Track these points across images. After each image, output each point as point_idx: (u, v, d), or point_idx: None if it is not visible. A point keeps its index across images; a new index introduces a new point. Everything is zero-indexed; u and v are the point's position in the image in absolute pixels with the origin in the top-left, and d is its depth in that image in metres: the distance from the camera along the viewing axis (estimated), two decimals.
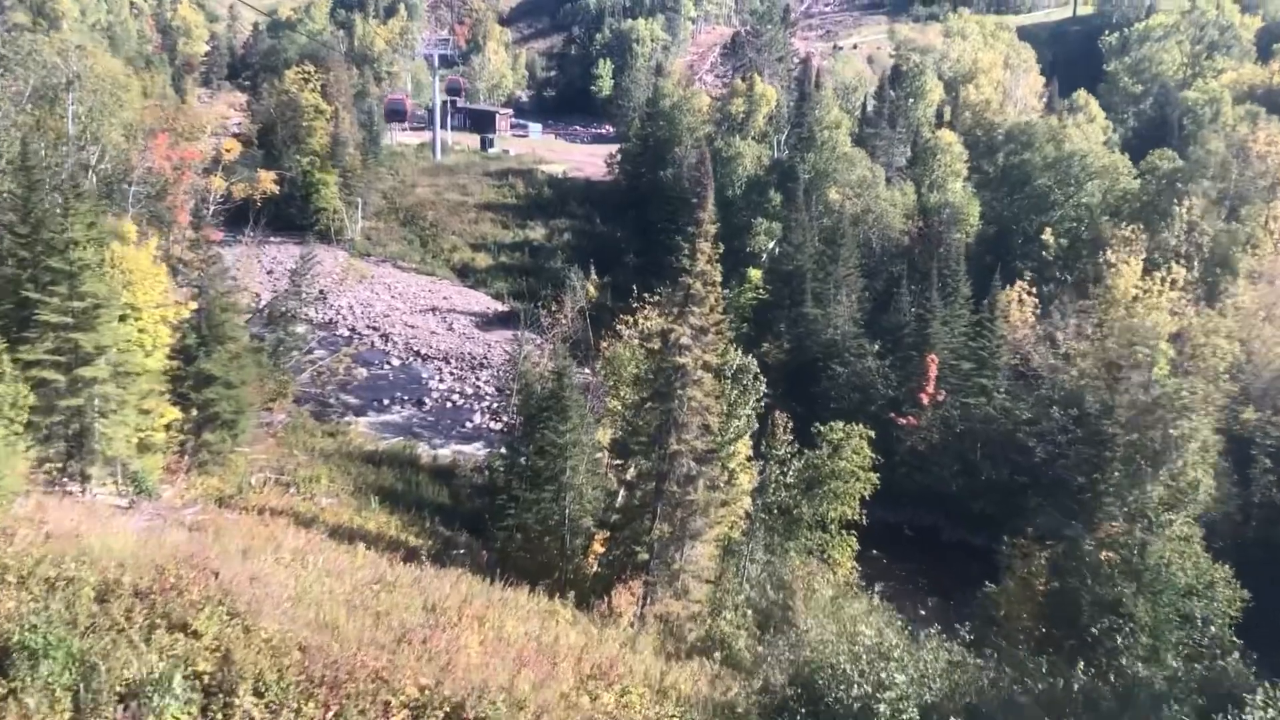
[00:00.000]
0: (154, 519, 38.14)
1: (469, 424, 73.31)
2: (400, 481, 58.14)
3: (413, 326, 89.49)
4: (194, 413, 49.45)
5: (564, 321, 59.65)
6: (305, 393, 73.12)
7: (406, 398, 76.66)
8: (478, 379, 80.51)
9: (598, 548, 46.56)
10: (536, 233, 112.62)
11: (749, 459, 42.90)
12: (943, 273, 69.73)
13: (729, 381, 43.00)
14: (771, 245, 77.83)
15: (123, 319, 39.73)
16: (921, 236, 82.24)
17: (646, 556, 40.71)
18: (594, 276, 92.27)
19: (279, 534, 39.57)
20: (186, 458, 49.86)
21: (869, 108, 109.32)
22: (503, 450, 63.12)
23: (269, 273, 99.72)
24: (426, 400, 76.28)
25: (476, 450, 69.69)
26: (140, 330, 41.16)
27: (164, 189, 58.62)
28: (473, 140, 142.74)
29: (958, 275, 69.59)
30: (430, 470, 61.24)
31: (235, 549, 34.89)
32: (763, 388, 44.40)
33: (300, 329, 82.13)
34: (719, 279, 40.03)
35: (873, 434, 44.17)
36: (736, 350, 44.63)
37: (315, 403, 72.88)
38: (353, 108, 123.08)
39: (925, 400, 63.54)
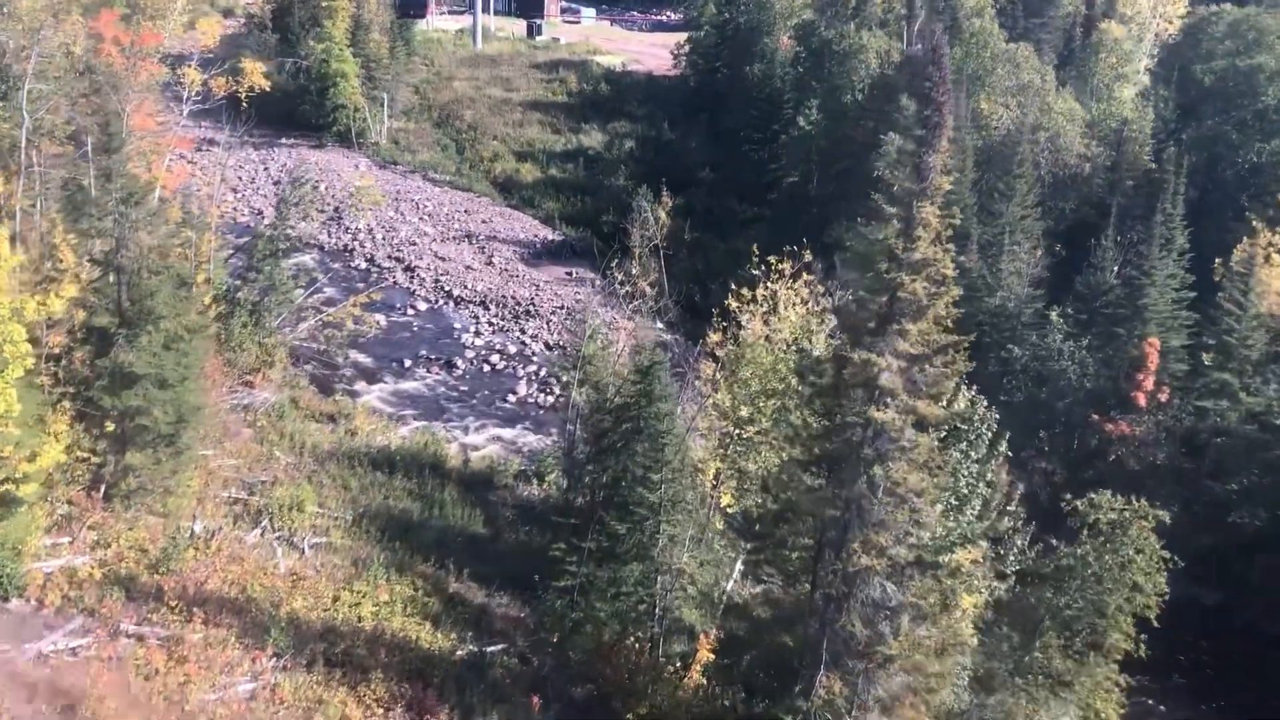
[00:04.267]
0: None
1: (511, 397, 57.12)
2: (419, 500, 42.35)
3: (443, 259, 72.75)
4: (110, 427, 33.59)
5: (643, 284, 42.49)
6: (306, 348, 57.16)
7: (434, 357, 60.45)
8: (523, 331, 64.06)
9: (705, 653, 30.66)
10: (592, 138, 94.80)
11: (979, 563, 26.38)
12: (1144, 217, 51.43)
13: (948, 438, 26.19)
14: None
15: None
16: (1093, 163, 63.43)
17: None
18: (665, 197, 74.64)
19: (193, 692, 23.77)
20: (104, 487, 34.22)
21: None
22: (559, 453, 47.26)
23: (276, 183, 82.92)
24: (459, 361, 60.05)
25: (520, 435, 53.74)
26: None
27: (87, 89, 41.70)
28: (518, 26, 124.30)
29: (1172, 221, 51.35)
30: (460, 479, 45.30)
31: None
32: (1004, 446, 27.72)
33: (299, 260, 65.87)
34: (951, 272, 23.03)
35: (1141, 507, 27.15)
36: (963, 387, 27.55)
37: (318, 364, 56.99)
38: None
39: (1141, 400, 46.30)
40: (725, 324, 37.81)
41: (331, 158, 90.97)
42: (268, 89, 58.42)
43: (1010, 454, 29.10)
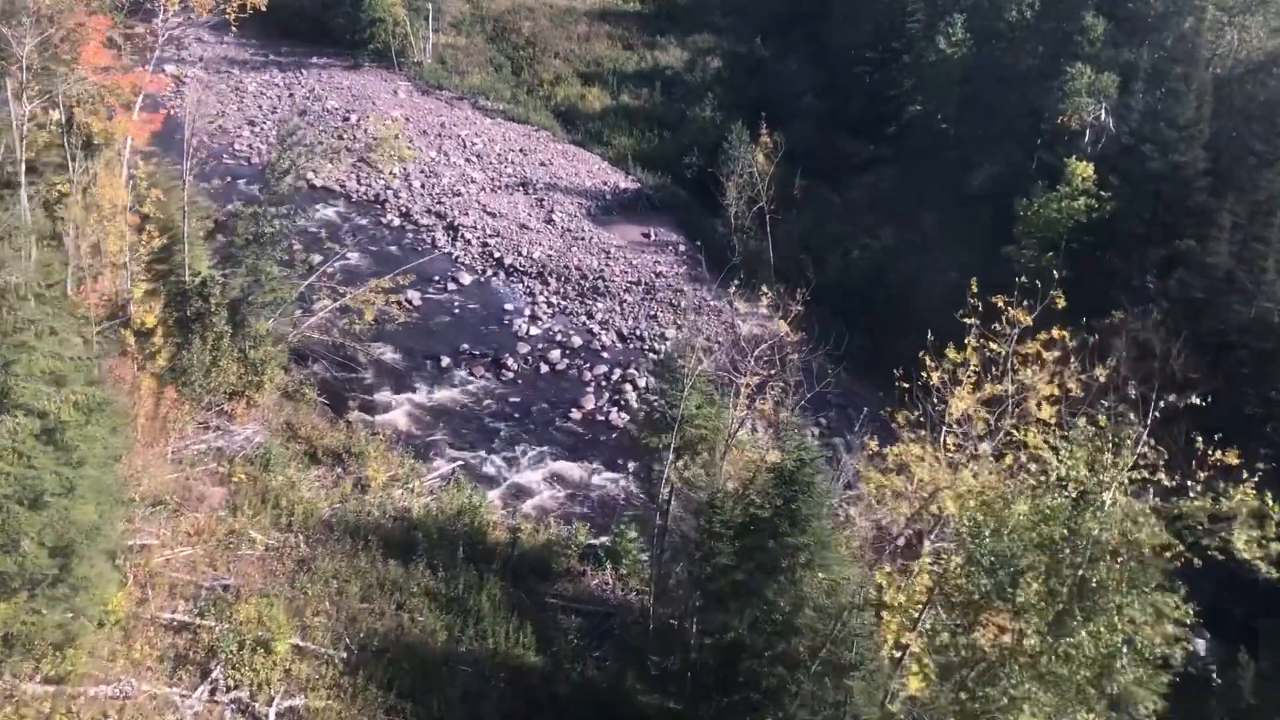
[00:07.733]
0: None
1: (575, 413, 44.34)
2: (446, 612, 29.96)
3: (493, 214, 59.43)
4: None
5: (781, 323, 28.68)
6: (317, 343, 44.75)
7: (478, 353, 47.71)
8: (590, 316, 50.95)
9: None
10: (671, 55, 79.89)
11: None
12: None
13: None
14: (1099, 114, 45.54)
15: None
16: None
17: None
18: (764, 136, 60.37)
19: None
20: None
21: None
22: (642, 517, 34.47)
23: (302, 114, 69.76)
24: (509, 359, 47.21)
25: (587, 473, 41.06)
26: None
27: None
28: None
29: None
30: (506, 565, 32.78)
31: None
32: None
33: (320, 215, 53.64)
34: None
35: None
36: None
37: (329, 364, 44.62)
38: None
39: None
40: (909, 387, 24.32)
41: (367, 81, 77.64)
42: (262, 8, 44.74)
43: None
